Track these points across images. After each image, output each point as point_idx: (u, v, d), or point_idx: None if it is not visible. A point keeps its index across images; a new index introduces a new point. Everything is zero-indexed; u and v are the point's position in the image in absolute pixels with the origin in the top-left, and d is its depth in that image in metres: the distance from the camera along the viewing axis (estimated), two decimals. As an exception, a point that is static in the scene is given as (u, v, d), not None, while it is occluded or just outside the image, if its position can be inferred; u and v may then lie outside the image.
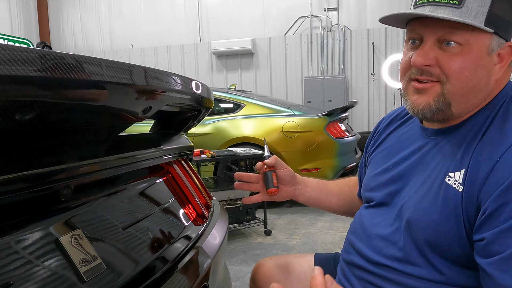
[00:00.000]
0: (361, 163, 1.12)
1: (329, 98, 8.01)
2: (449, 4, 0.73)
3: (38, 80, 0.51)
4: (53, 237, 0.62)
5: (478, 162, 0.72)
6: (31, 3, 9.82)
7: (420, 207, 0.79)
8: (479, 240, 0.70)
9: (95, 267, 0.64)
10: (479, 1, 0.72)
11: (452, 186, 0.75)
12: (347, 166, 4.39)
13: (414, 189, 0.83)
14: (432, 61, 0.75)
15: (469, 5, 0.72)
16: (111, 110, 0.72)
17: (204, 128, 4.43)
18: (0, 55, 0.46)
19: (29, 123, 0.57)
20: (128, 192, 0.91)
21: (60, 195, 0.65)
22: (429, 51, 0.75)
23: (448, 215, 0.74)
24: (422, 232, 0.77)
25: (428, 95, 0.77)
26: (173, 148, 1.09)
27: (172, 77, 0.85)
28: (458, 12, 0.72)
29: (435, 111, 0.77)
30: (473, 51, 0.74)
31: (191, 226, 1.02)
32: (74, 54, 0.57)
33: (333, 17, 8.55)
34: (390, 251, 0.83)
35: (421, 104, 0.78)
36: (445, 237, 0.74)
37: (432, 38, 0.75)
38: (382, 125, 1.04)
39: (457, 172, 0.75)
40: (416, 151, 0.87)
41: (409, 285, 0.80)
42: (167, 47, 9.26)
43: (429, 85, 0.77)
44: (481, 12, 0.72)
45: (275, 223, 3.82)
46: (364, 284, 0.88)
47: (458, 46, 0.74)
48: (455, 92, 0.75)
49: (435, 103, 0.77)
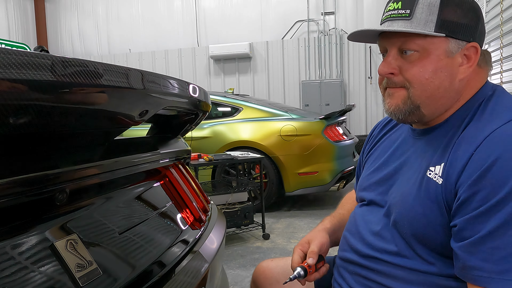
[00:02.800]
0: (358, 166, 1.16)
1: (326, 102, 8.02)
2: (401, 17, 0.81)
3: (34, 83, 0.51)
4: (48, 242, 0.61)
5: (456, 156, 0.77)
6: (29, 7, 9.82)
7: (405, 202, 0.84)
8: (453, 226, 0.75)
9: (91, 272, 0.64)
10: (427, 11, 0.80)
11: (432, 180, 0.80)
12: (345, 169, 4.39)
13: (401, 186, 0.88)
14: (395, 69, 0.84)
15: (417, 16, 0.80)
16: (107, 113, 0.72)
17: (202, 132, 4.42)
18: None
19: (24, 127, 0.56)
20: (125, 196, 0.91)
21: (55, 200, 0.64)
22: (392, 60, 0.84)
23: (431, 207, 0.79)
24: (408, 226, 0.82)
25: (397, 98, 0.85)
26: (170, 152, 1.09)
27: (169, 80, 0.85)
28: (409, 24, 0.80)
29: (405, 112, 0.85)
30: (430, 56, 0.81)
31: (188, 230, 1.02)
32: (71, 58, 0.56)
33: (330, 21, 8.57)
34: (380, 245, 0.88)
35: (392, 106, 0.86)
36: (430, 229, 0.79)
37: (393, 49, 0.84)
38: (377, 130, 1.10)
39: (437, 166, 0.80)
40: (405, 152, 0.93)
41: (399, 276, 0.84)
42: (164, 51, 9.26)
43: (398, 90, 0.85)
44: (430, 20, 0.79)
45: (273, 227, 3.81)
46: (356, 278, 0.92)
47: (416, 53, 0.81)
48: (420, 95, 0.82)
49: (403, 105, 0.84)
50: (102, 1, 9.68)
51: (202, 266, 0.92)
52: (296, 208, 4.57)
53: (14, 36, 9.25)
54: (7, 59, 0.47)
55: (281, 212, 4.40)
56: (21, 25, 9.56)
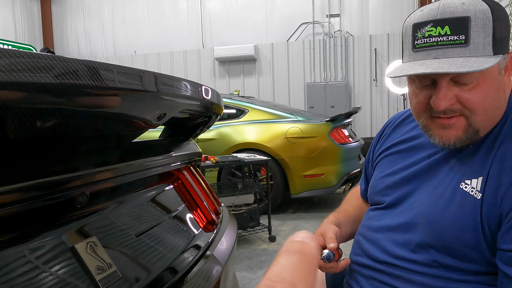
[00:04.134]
0: (366, 163, 1.11)
1: (331, 104, 8.00)
2: (456, 44, 0.72)
3: (55, 87, 0.51)
4: (69, 244, 0.62)
5: (500, 170, 0.73)
6: (35, 9, 9.88)
7: (432, 212, 0.80)
8: (506, 250, 0.71)
9: (111, 275, 0.64)
10: (483, 33, 0.72)
11: (469, 194, 0.76)
12: (351, 172, 4.37)
13: (426, 193, 0.84)
14: (453, 100, 0.75)
15: (475, 40, 0.72)
16: (125, 117, 0.72)
17: (208, 134, 4.43)
18: (13, 62, 0.46)
19: (46, 131, 0.56)
20: (140, 199, 0.91)
21: (76, 202, 0.65)
22: (448, 92, 0.75)
23: (463, 220, 0.75)
24: (434, 235, 0.79)
25: (457, 129, 0.77)
26: (183, 154, 1.09)
27: (185, 83, 0.85)
28: (467, 51, 0.72)
29: (464, 140, 0.78)
30: (488, 79, 0.74)
31: (202, 233, 1.02)
32: (93, 61, 0.57)
33: (335, 23, 8.56)
34: (398, 251, 0.85)
35: (452, 138, 0.78)
36: (457, 241, 0.76)
37: (445, 79, 0.75)
38: (389, 128, 1.05)
39: (474, 179, 0.76)
40: (426, 157, 0.88)
41: (417, 281, 0.81)
42: (170, 53, 9.28)
43: (454, 119, 0.77)
44: (487, 43, 0.72)
45: (279, 229, 3.81)
46: (372, 282, 0.89)
47: (474, 80, 0.74)
48: (482, 120, 0.76)
49: (464, 134, 0.77)
50: (108, 3, 9.73)
51: (215, 269, 0.92)
52: (301, 211, 4.56)
53: (20, 37, 9.31)
54: (28, 62, 0.47)
55: (287, 214, 4.40)
56: (28, 27, 9.62)
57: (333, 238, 0.94)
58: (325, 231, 0.98)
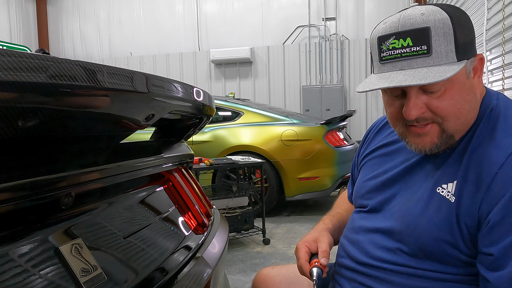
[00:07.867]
0: (353, 167, 1.13)
1: (327, 107, 8.02)
2: (419, 55, 0.73)
3: (40, 86, 0.50)
4: (53, 246, 0.61)
5: (478, 174, 0.74)
6: (31, 10, 9.84)
7: (411, 216, 0.82)
8: (487, 254, 0.72)
9: (96, 277, 0.63)
10: (445, 41, 0.72)
11: (445, 197, 0.78)
12: (346, 175, 4.38)
13: (405, 198, 0.86)
14: (423, 109, 0.77)
15: (437, 49, 0.72)
16: (113, 117, 0.72)
17: (203, 136, 4.42)
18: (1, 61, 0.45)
19: (30, 130, 0.56)
20: (129, 201, 0.90)
21: (61, 203, 0.64)
22: (417, 101, 0.76)
23: (439, 224, 0.77)
24: (412, 239, 0.81)
25: (431, 136, 0.79)
26: (173, 156, 1.08)
27: (175, 84, 0.84)
28: (430, 60, 0.72)
29: (440, 145, 0.79)
30: (455, 84, 0.75)
31: (191, 235, 1.01)
32: (78, 60, 0.56)
33: (331, 27, 8.59)
34: (378, 253, 0.86)
35: (427, 145, 0.80)
36: (434, 244, 0.78)
37: (413, 90, 0.76)
38: (372, 133, 1.07)
39: (449, 183, 0.78)
40: (404, 161, 0.90)
41: (397, 282, 0.83)
42: (165, 55, 9.27)
43: (428, 127, 0.79)
44: (450, 50, 0.72)
45: (273, 232, 3.80)
46: (353, 284, 0.91)
47: (442, 87, 0.75)
48: (454, 125, 0.78)
49: (439, 140, 0.79)
50: (103, 5, 9.71)
51: (205, 272, 0.91)
52: (296, 213, 4.56)
53: (15, 38, 9.26)
54: (11, 62, 0.47)
55: (282, 217, 4.39)
56: (23, 28, 9.58)
57: (327, 252, 0.94)
58: (320, 240, 0.98)
